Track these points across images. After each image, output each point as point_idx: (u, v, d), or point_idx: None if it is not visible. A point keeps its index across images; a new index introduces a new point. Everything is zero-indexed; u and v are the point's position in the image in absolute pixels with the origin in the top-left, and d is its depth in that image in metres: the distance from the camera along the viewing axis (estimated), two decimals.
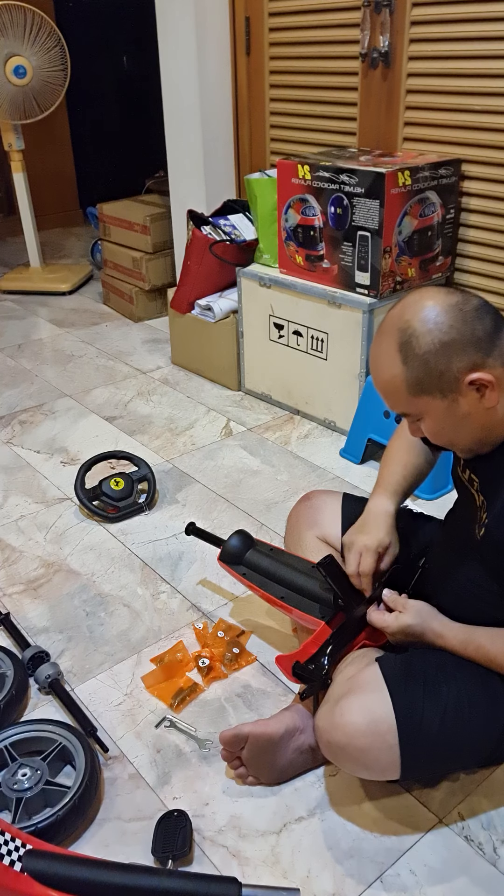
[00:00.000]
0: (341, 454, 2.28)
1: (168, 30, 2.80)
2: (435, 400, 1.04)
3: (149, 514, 2.04)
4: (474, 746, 1.16)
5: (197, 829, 1.23)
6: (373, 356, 1.09)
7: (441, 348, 1.01)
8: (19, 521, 2.02)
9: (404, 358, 1.03)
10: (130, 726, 1.42)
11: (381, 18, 2.27)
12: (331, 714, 1.15)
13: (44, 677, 1.48)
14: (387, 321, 1.06)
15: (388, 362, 1.05)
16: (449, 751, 1.16)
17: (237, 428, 2.46)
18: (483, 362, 1.01)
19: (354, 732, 1.12)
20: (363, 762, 1.14)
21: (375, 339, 1.09)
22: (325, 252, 2.26)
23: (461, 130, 2.22)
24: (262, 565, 1.47)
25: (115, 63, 4.93)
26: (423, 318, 1.02)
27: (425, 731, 1.12)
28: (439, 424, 1.07)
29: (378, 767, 1.14)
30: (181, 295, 2.72)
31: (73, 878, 1.04)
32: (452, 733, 1.13)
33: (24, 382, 2.81)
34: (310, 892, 1.14)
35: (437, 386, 1.03)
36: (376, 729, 1.11)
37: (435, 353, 1.01)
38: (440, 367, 1.01)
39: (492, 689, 1.14)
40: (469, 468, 1.19)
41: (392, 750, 1.11)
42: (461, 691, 1.13)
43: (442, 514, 1.38)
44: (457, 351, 1.01)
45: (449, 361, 1.01)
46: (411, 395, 1.05)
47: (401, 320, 1.04)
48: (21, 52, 3.27)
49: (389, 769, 1.14)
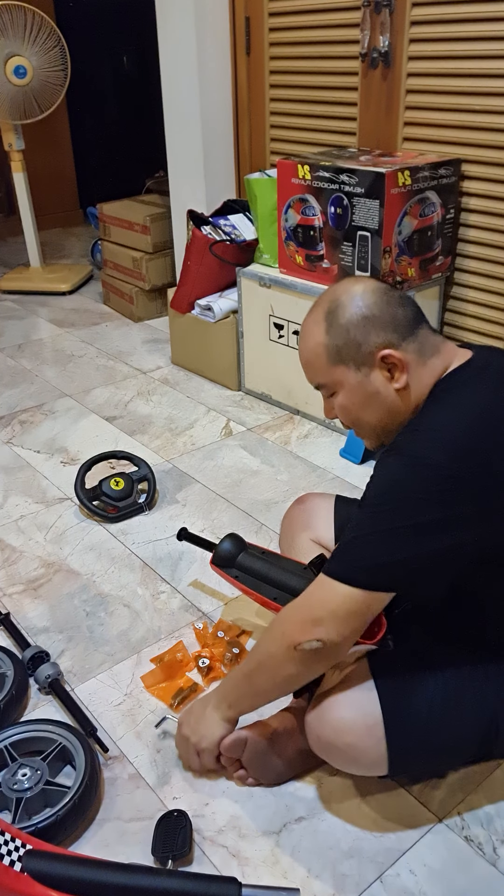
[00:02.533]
0: (341, 454, 2.29)
1: (168, 30, 2.80)
2: (350, 371, 1.12)
3: (149, 514, 2.04)
4: (462, 742, 1.17)
5: (197, 829, 1.23)
6: (302, 327, 1.18)
7: (361, 321, 1.10)
8: (19, 521, 2.02)
9: (328, 326, 1.12)
10: (130, 726, 1.42)
11: (381, 18, 2.27)
12: (319, 709, 1.16)
13: (44, 677, 1.48)
14: (320, 297, 1.17)
15: (314, 330, 1.14)
16: (436, 746, 1.16)
17: (237, 428, 2.46)
18: (398, 344, 1.10)
19: (342, 727, 1.13)
20: (351, 757, 1.15)
21: (307, 313, 1.17)
22: (324, 252, 2.26)
23: (461, 130, 2.22)
24: (255, 568, 1.48)
25: (115, 63, 4.93)
26: (350, 293, 1.12)
27: (413, 726, 1.13)
28: (350, 399, 1.14)
29: (366, 762, 1.15)
30: (181, 295, 2.72)
31: (73, 879, 1.04)
32: (440, 728, 1.14)
33: (24, 382, 2.82)
34: (310, 892, 1.14)
35: (354, 357, 1.11)
36: (363, 723, 1.12)
37: (355, 324, 1.10)
38: (358, 339, 1.10)
39: (478, 686, 1.15)
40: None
41: (379, 745, 1.12)
42: (448, 687, 1.14)
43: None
44: (375, 327, 1.10)
45: (367, 334, 1.10)
46: (330, 364, 1.13)
47: (332, 295, 1.14)
48: (21, 52, 3.27)
49: (377, 764, 1.14)
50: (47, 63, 3.34)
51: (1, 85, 3.29)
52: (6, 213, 4.81)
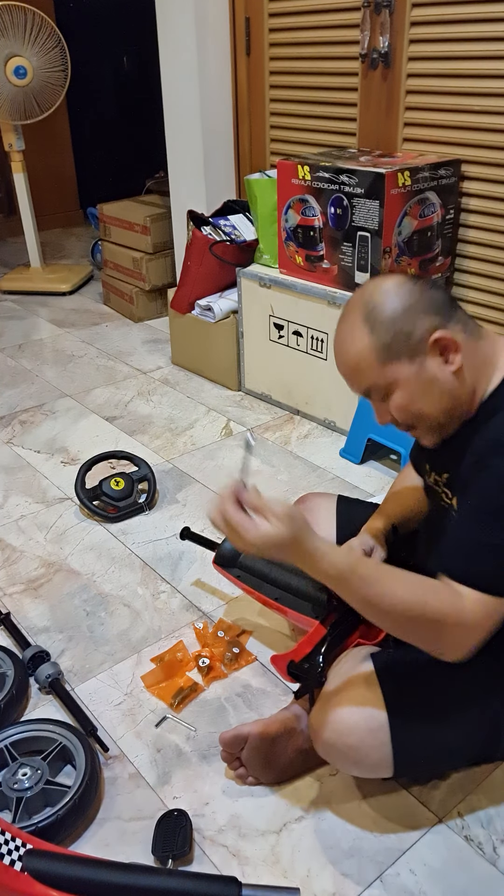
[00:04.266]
0: (341, 454, 2.29)
1: (168, 30, 2.81)
2: (404, 365, 1.07)
3: (149, 514, 2.04)
4: (465, 743, 1.17)
5: (197, 828, 1.23)
6: (338, 338, 1.13)
7: (404, 311, 1.06)
8: (20, 520, 2.02)
9: (371, 327, 1.07)
10: (131, 726, 1.42)
11: (381, 19, 2.27)
12: (324, 711, 1.15)
13: (44, 677, 1.48)
14: (347, 306, 1.12)
15: (356, 336, 1.09)
16: (440, 748, 1.16)
17: (237, 428, 2.46)
18: (444, 325, 1.07)
19: (347, 730, 1.12)
20: (356, 759, 1.14)
21: (339, 323, 1.13)
22: (324, 252, 2.26)
23: (461, 131, 2.22)
24: (256, 567, 1.48)
25: (115, 63, 4.93)
26: (382, 291, 1.08)
27: (417, 728, 1.13)
28: (409, 393, 1.09)
29: (370, 764, 1.14)
30: (181, 295, 2.72)
31: (73, 878, 1.04)
32: (444, 730, 1.14)
33: (25, 382, 2.82)
34: (310, 891, 1.14)
35: (405, 349, 1.07)
36: (368, 726, 1.12)
37: (400, 316, 1.06)
38: (406, 328, 1.06)
39: (482, 686, 1.15)
40: (434, 469, 1.21)
41: (384, 747, 1.12)
42: (453, 687, 1.14)
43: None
44: (420, 312, 1.06)
45: (414, 322, 1.06)
46: (381, 364, 1.08)
47: (361, 299, 1.10)
48: (21, 52, 3.27)
49: (382, 766, 1.14)
50: (47, 63, 3.35)
51: (1, 85, 3.29)
52: (6, 214, 4.81)
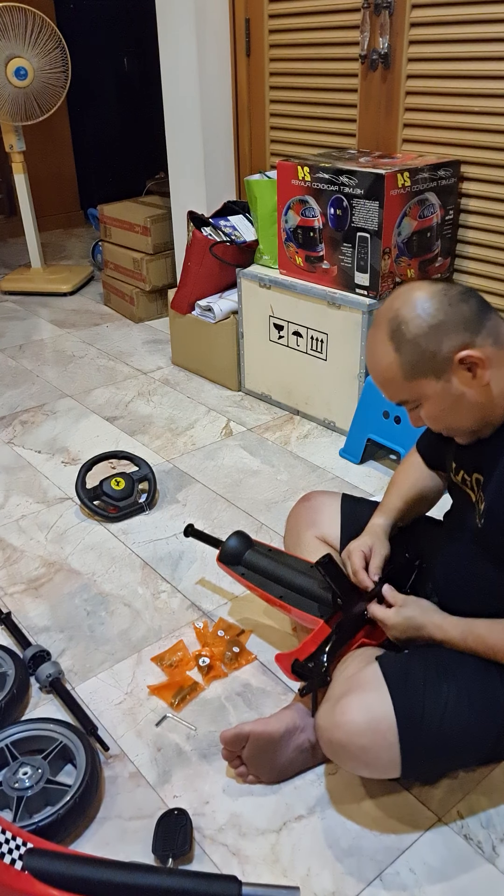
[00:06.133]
0: (341, 454, 2.29)
1: (168, 31, 2.81)
2: (430, 382, 1.08)
3: (149, 513, 2.04)
4: (474, 744, 1.17)
5: (197, 827, 1.24)
6: (368, 350, 1.14)
7: (430, 331, 1.05)
8: (20, 520, 2.03)
9: (397, 345, 1.07)
10: (131, 725, 1.42)
11: (381, 20, 2.28)
12: (331, 713, 1.15)
13: (45, 676, 1.48)
14: (377, 315, 1.12)
15: (382, 351, 1.09)
16: (449, 748, 1.16)
17: (237, 428, 2.47)
18: (472, 341, 1.06)
19: (355, 731, 1.12)
20: (364, 760, 1.14)
21: (369, 333, 1.14)
22: (324, 253, 2.26)
23: (460, 132, 2.23)
24: (261, 565, 1.48)
25: (115, 65, 4.93)
26: (410, 305, 1.07)
27: (425, 729, 1.12)
28: (438, 407, 1.11)
29: (379, 765, 1.14)
30: (181, 296, 2.72)
31: (73, 877, 1.04)
32: (452, 731, 1.13)
33: (26, 383, 2.82)
34: (310, 890, 1.14)
35: (431, 368, 1.07)
36: (377, 727, 1.12)
37: (425, 336, 1.05)
38: (431, 349, 1.06)
39: (491, 687, 1.15)
40: (463, 468, 1.20)
41: (392, 748, 1.12)
42: (461, 689, 1.14)
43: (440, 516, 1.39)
44: (446, 332, 1.05)
45: (439, 343, 1.05)
46: (407, 380, 1.09)
47: (390, 311, 1.09)
48: (22, 53, 3.28)
49: (390, 767, 1.14)
50: (48, 65, 3.35)
51: (2, 86, 3.30)
52: (7, 215, 4.81)
